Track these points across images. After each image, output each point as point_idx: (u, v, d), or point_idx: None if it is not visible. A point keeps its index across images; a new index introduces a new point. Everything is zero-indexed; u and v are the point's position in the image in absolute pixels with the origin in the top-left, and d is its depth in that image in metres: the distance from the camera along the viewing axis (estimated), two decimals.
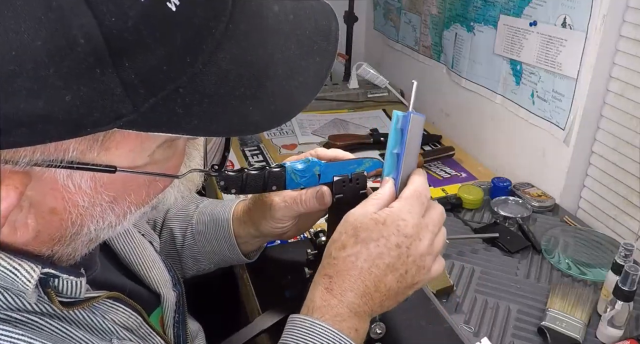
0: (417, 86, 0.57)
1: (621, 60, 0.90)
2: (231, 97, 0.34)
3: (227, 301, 1.08)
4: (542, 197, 1.03)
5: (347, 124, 1.45)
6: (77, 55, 0.27)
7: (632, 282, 0.67)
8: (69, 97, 0.27)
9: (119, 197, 0.38)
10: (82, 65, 0.27)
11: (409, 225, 0.53)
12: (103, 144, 0.33)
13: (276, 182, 0.61)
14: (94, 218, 0.37)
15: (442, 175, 1.21)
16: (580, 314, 0.73)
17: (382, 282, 0.52)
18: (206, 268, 0.78)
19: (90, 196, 0.36)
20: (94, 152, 0.33)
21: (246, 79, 0.35)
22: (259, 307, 0.79)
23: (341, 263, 0.53)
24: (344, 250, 0.53)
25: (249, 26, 0.35)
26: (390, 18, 1.68)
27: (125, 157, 0.35)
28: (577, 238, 0.93)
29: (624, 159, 0.92)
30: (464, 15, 1.27)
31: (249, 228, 0.72)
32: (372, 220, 0.53)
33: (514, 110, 1.14)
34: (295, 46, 0.38)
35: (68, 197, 0.35)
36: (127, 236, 0.56)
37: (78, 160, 0.33)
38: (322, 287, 0.53)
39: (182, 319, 0.60)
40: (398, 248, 0.52)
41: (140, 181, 0.38)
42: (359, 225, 0.53)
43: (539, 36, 1.02)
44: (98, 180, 0.35)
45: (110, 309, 0.46)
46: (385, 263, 0.52)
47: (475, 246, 0.91)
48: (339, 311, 0.51)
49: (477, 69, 1.25)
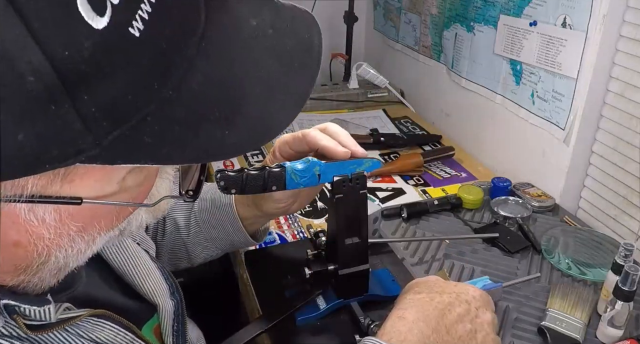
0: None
1: (621, 60, 0.90)
2: (205, 122, 0.32)
3: (227, 302, 1.07)
4: (542, 197, 1.03)
5: (347, 124, 1.45)
6: (27, 94, 0.25)
7: (632, 282, 0.67)
8: (21, 136, 0.25)
9: (87, 225, 0.36)
10: (34, 104, 0.25)
11: (477, 294, 0.59)
12: (65, 178, 0.31)
13: (276, 183, 0.61)
14: (61, 248, 0.35)
15: (442, 175, 1.21)
16: (580, 314, 0.73)
17: (454, 327, 0.55)
18: (213, 254, 0.78)
19: (56, 227, 0.34)
20: (56, 186, 0.31)
21: (221, 101, 0.33)
22: (259, 307, 0.79)
23: (417, 301, 0.57)
24: (419, 294, 0.58)
25: (223, 42, 0.33)
26: (390, 18, 1.68)
27: (92, 188, 0.33)
28: (577, 238, 0.93)
29: (624, 159, 0.92)
30: (464, 15, 1.27)
31: (253, 210, 0.73)
32: (445, 281, 0.61)
33: (514, 110, 1.14)
34: (274, 63, 0.36)
35: (32, 231, 0.33)
36: (121, 246, 0.55)
37: (39, 194, 0.31)
38: (394, 316, 0.55)
39: (181, 328, 0.59)
40: (468, 304, 0.57)
41: (109, 207, 0.36)
42: (432, 283, 0.60)
43: (539, 36, 1.02)
44: (63, 211, 0.33)
45: (95, 327, 0.44)
46: (457, 312, 0.56)
47: (475, 246, 0.91)
48: (407, 336, 0.53)
49: (477, 69, 1.25)
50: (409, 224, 0.97)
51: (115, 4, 0.27)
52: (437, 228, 0.96)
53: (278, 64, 0.36)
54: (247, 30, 0.35)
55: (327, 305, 0.72)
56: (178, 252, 0.78)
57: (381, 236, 0.94)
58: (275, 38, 0.37)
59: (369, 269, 0.70)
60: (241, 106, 0.34)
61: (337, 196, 0.64)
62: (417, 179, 1.18)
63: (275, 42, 0.36)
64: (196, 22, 0.32)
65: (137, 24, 0.28)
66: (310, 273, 0.69)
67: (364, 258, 0.69)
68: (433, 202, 1.00)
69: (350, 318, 0.73)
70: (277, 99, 0.36)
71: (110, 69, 0.27)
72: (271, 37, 0.36)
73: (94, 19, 0.26)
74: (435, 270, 0.85)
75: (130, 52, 0.28)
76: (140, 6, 0.28)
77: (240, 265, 0.90)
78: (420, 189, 1.14)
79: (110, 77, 0.27)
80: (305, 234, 0.96)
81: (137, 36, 0.28)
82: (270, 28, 0.36)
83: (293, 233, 0.97)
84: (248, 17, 0.36)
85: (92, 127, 0.27)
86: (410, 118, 1.53)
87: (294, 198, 0.71)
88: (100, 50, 0.26)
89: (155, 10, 0.29)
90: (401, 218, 0.98)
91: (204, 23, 0.33)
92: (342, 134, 0.66)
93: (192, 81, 0.31)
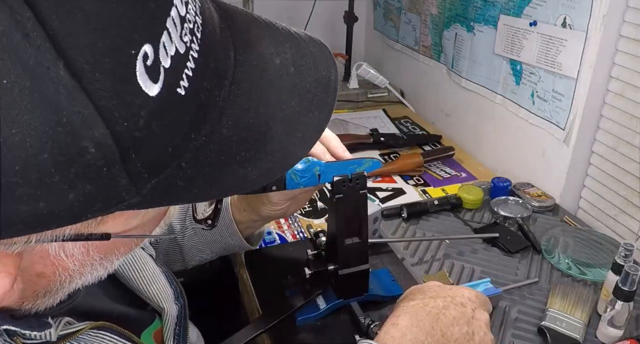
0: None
1: (621, 60, 0.90)
2: (232, 162, 0.33)
3: (227, 302, 1.07)
4: (542, 197, 1.03)
5: (347, 124, 1.45)
6: (85, 162, 0.25)
7: (632, 282, 0.67)
8: (72, 196, 0.26)
9: (109, 253, 0.37)
10: (90, 169, 0.26)
11: (472, 296, 0.59)
12: (102, 220, 0.32)
13: (276, 183, 0.62)
14: (83, 275, 0.36)
15: (442, 175, 1.21)
16: (580, 314, 0.73)
17: (449, 330, 0.54)
18: (208, 257, 0.79)
19: (82, 260, 0.35)
20: (91, 228, 0.32)
21: (247, 142, 0.33)
22: (259, 307, 0.79)
23: (410, 307, 0.57)
24: (413, 301, 0.58)
25: (250, 84, 0.34)
26: (390, 18, 1.68)
27: (120, 225, 0.34)
28: (577, 238, 0.93)
29: (624, 159, 0.92)
30: (464, 15, 1.27)
31: (249, 214, 0.73)
32: (439, 286, 0.61)
33: (514, 110, 1.14)
34: (296, 102, 0.37)
35: (58, 264, 0.34)
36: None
37: (74, 234, 0.31)
38: (388, 324, 0.55)
39: (182, 331, 0.59)
40: (463, 307, 0.57)
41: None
42: (426, 289, 0.60)
43: (539, 36, 1.02)
44: (91, 246, 0.34)
45: (95, 339, 0.45)
46: (452, 315, 0.56)
47: (475, 246, 0.91)
48: (401, 342, 0.53)
49: (477, 69, 1.25)
50: (409, 224, 0.97)
51: (167, 67, 0.27)
52: (437, 228, 0.96)
53: (299, 102, 0.37)
54: (272, 70, 0.36)
55: (327, 305, 0.72)
56: (172, 255, 0.78)
57: (381, 236, 0.94)
58: (296, 76, 0.37)
59: (369, 269, 0.70)
60: (265, 146, 0.35)
61: (337, 196, 0.64)
62: (417, 179, 1.18)
63: (297, 80, 0.37)
64: (227, 66, 0.33)
65: (184, 82, 0.28)
66: (310, 273, 0.69)
67: (364, 258, 0.69)
68: (433, 202, 1.00)
69: (350, 318, 0.73)
70: (297, 136, 0.37)
71: (159, 131, 0.28)
72: (293, 76, 0.37)
73: (149, 86, 0.26)
74: (435, 270, 0.85)
75: (176, 111, 0.28)
76: (186, 64, 0.28)
77: (240, 265, 0.90)
78: (420, 189, 1.14)
79: (158, 137, 0.28)
80: (305, 234, 0.96)
81: (182, 95, 0.28)
82: (292, 66, 0.37)
83: (293, 233, 0.97)
84: (272, 55, 0.36)
85: (136, 181, 0.28)
86: (410, 118, 1.53)
87: (291, 201, 0.71)
88: (154, 116, 0.27)
89: (197, 65, 0.29)
90: (401, 218, 0.98)
91: (233, 66, 0.33)
92: (332, 139, 0.68)
93: (222, 126, 0.32)
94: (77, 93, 0.24)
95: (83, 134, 0.25)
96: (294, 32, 0.40)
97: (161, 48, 0.27)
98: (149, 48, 0.26)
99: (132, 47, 0.25)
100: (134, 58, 0.25)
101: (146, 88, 0.26)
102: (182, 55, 0.28)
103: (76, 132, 0.24)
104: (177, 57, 0.28)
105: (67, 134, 0.24)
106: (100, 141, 0.25)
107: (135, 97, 0.26)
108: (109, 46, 0.24)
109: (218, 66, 0.32)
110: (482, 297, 0.60)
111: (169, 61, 0.27)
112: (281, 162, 0.36)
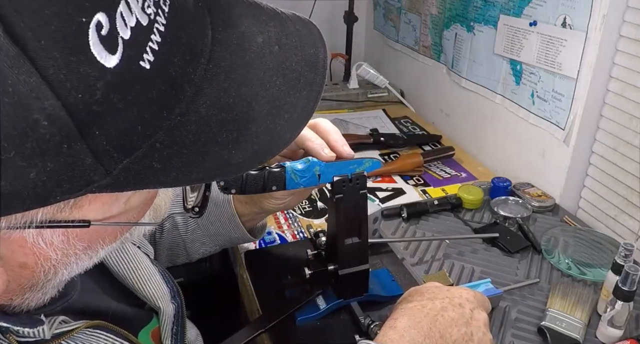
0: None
1: (621, 60, 0.90)
2: (212, 144, 0.32)
3: (227, 302, 1.08)
4: (542, 197, 1.03)
5: (347, 124, 1.45)
6: (40, 136, 0.24)
7: (632, 282, 0.67)
8: (33, 174, 0.25)
9: (92, 243, 0.36)
10: (47, 144, 0.25)
11: (471, 296, 0.59)
12: (75, 204, 0.31)
13: (276, 183, 0.61)
14: (68, 265, 0.36)
15: (442, 175, 1.21)
16: (580, 314, 0.73)
17: (447, 332, 0.55)
18: (211, 250, 0.79)
19: (63, 249, 0.34)
20: (65, 212, 0.31)
21: (228, 123, 0.32)
22: (259, 307, 0.79)
23: (408, 309, 0.57)
24: (411, 303, 0.58)
25: (230, 63, 0.33)
26: (390, 18, 1.68)
27: (99, 210, 0.33)
28: (577, 238, 0.93)
29: (624, 159, 0.92)
30: (464, 15, 1.27)
31: (251, 207, 0.73)
32: (437, 287, 0.61)
33: (514, 110, 1.14)
34: (280, 81, 0.35)
35: (39, 253, 0.33)
36: (122, 250, 0.55)
37: (48, 220, 0.30)
38: (386, 327, 0.55)
39: (180, 330, 0.59)
40: (461, 308, 0.57)
41: (114, 226, 0.37)
42: (424, 290, 0.60)
43: (539, 36, 1.02)
44: (71, 233, 0.33)
45: (91, 338, 0.44)
46: (450, 316, 0.56)
47: (475, 246, 0.91)
48: (398, 343, 0.53)
49: (477, 69, 1.25)
50: (409, 224, 0.97)
51: (126, 39, 0.26)
52: (437, 228, 0.96)
53: (284, 82, 0.36)
54: (254, 48, 0.35)
55: (327, 305, 0.72)
56: (176, 250, 0.79)
57: (381, 236, 0.94)
58: (281, 55, 0.36)
59: (369, 269, 0.70)
60: (248, 127, 0.33)
61: (337, 196, 0.64)
62: (417, 179, 1.18)
63: (281, 59, 0.36)
64: (203, 44, 0.31)
65: (148, 56, 0.27)
66: (310, 273, 0.69)
67: (364, 258, 0.69)
68: (433, 202, 1.00)
69: (350, 318, 0.73)
70: (283, 117, 0.35)
71: (122, 105, 0.27)
72: (277, 55, 0.36)
73: (105, 57, 0.25)
74: (435, 270, 0.85)
75: (141, 86, 0.27)
76: (150, 37, 0.27)
77: (240, 265, 0.90)
78: (420, 189, 1.14)
79: (122, 112, 0.27)
80: (305, 234, 0.96)
81: (147, 69, 0.27)
82: (276, 44, 0.36)
83: (293, 233, 0.97)
84: (254, 33, 0.35)
85: (103, 159, 0.27)
86: (410, 118, 1.53)
87: (292, 195, 0.71)
88: (113, 90, 0.26)
89: (164, 39, 0.28)
90: (401, 218, 0.98)
91: (211, 44, 0.32)
92: (333, 132, 0.65)
93: (199, 106, 0.31)
94: (21, 61, 0.23)
95: (32, 105, 0.24)
96: (280, 12, 0.38)
97: (118, 18, 0.25)
98: (103, 17, 0.25)
99: (82, 15, 0.24)
100: (85, 26, 0.24)
101: (102, 59, 0.25)
102: (144, 27, 0.27)
103: (24, 103, 0.23)
104: (139, 29, 0.27)
105: (15, 105, 0.23)
106: (51, 113, 0.24)
107: (89, 68, 0.25)
108: (55, 13, 0.23)
109: (191, 42, 0.31)
110: (480, 297, 0.60)
111: (129, 32, 0.26)
112: (268, 145, 0.35)
